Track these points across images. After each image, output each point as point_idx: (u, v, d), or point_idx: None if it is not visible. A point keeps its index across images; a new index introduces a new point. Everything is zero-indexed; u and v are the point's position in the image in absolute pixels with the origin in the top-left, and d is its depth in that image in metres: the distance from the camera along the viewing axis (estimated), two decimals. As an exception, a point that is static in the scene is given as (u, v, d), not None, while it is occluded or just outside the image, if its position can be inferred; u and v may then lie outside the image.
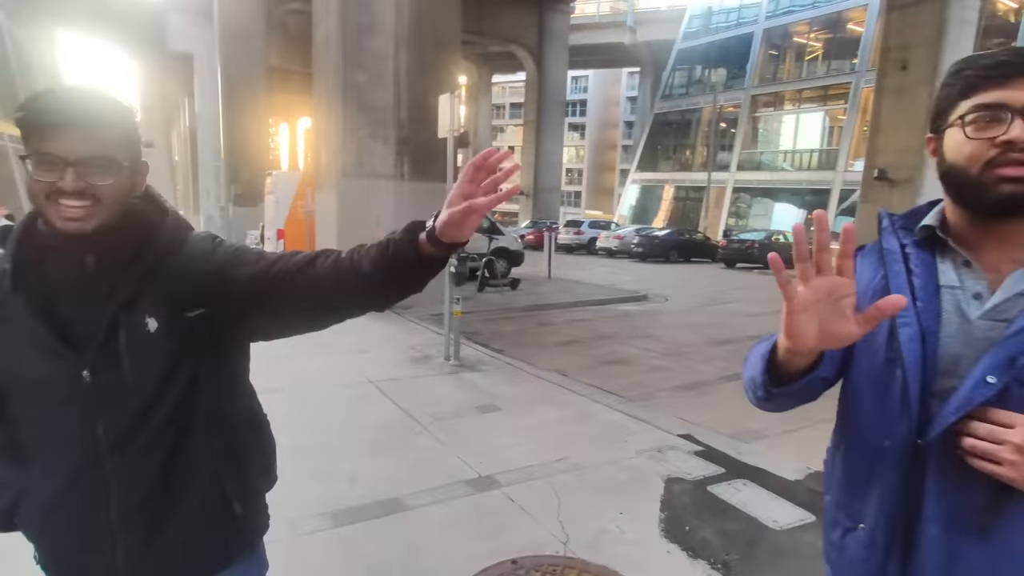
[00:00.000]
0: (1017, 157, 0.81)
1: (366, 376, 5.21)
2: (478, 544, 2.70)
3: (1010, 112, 0.82)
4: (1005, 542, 0.84)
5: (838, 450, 1.06)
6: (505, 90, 63.09)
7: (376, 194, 8.16)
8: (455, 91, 5.78)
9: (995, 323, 0.86)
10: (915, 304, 0.90)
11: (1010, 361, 0.82)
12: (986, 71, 0.85)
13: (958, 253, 0.92)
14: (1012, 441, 0.79)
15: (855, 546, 0.99)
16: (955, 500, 0.87)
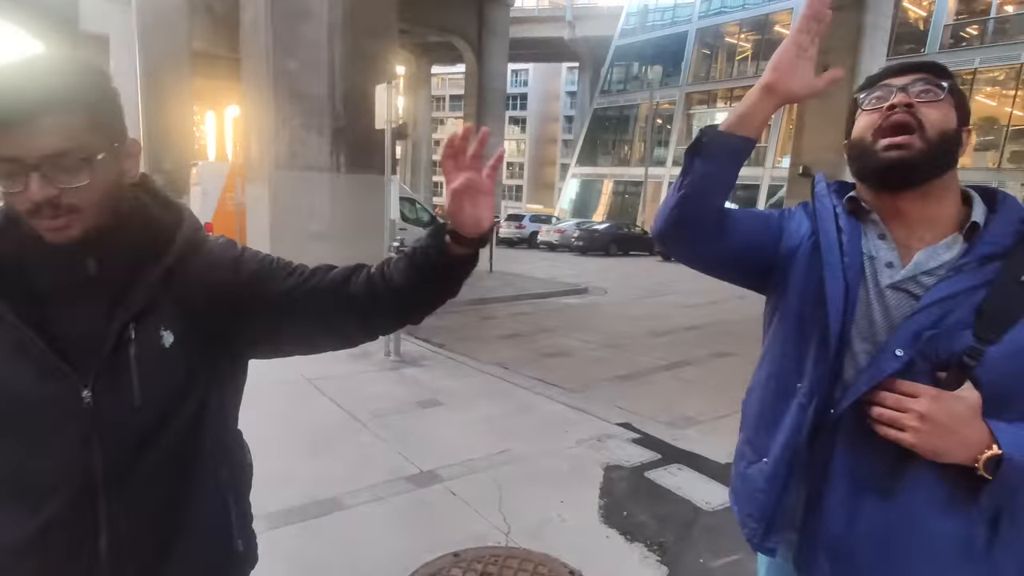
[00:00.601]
0: (898, 118, 0.92)
1: (301, 373, 5.06)
2: (420, 539, 2.67)
3: (894, 88, 0.94)
4: (905, 504, 0.91)
5: (755, 390, 1.13)
6: (445, 81, 62.52)
7: (311, 186, 7.88)
8: (392, 81, 5.66)
9: (904, 295, 0.93)
10: (843, 260, 0.97)
11: (916, 336, 0.89)
12: (882, 71, 1.00)
13: (877, 224, 0.99)
14: (915, 409, 0.86)
15: (757, 476, 1.06)
16: (861, 465, 0.94)
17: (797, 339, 1.03)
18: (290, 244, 7.85)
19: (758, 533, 1.07)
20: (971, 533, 0.90)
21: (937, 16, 22.43)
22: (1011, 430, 0.85)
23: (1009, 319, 0.85)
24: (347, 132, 7.94)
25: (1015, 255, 0.89)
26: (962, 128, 0.96)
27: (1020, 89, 20.91)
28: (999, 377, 0.86)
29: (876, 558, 0.94)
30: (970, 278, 0.89)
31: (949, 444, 0.86)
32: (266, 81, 7.63)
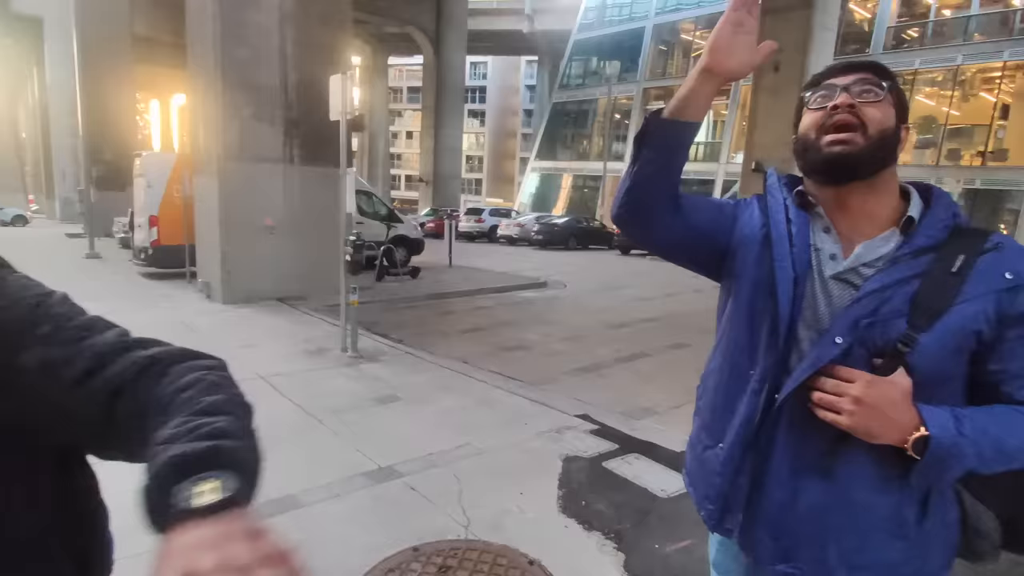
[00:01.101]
0: (840, 117, 0.96)
1: (255, 371, 4.93)
2: (379, 535, 2.65)
3: (838, 88, 0.98)
4: (842, 482, 0.96)
5: (710, 377, 1.16)
6: (403, 73, 61.60)
7: (263, 179, 7.67)
8: (348, 71, 5.54)
9: (845, 286, 0.97)
10: (791, 250, 1.01)
11: (854, 324, 0.93)
12: (825, 70, 1.04)
13: (822, 218, 1.03)
14: (851, 393, 0.91)
15: (714, 461, 1.10)
16: (803, 446, 0.98)
17: (749, 328, 1.06)
18: (241, 238, 7.64)
19: (715, 515, 1.10)
20: (902, 511, 0.95)
21: (880, 18, 23.29)
22: (939, 412, 0.90)
23: (940, 308, 0.90)
24: (301, 123, 7.77)
25: (946, 248, 0.93)
26: (901, 125, 1.00)
27: (956, 90, 21.93)
28: (930, 363, 0.90)
29: (815, 534, 0.98)
30: (905, 269, 0.93)
31: (881, 426, 0.90)
32: (214, 69, 7.37)
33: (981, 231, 0.96)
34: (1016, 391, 0.92)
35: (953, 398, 0.95)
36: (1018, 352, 0.91)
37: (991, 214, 20.58)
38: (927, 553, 0.98)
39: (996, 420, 0.90)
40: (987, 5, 21.57)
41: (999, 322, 0.90)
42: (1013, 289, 0.90)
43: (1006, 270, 0.91)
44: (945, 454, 0.88)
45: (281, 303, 8.02)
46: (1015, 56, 20.24)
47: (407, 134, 63.37)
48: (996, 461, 0.91)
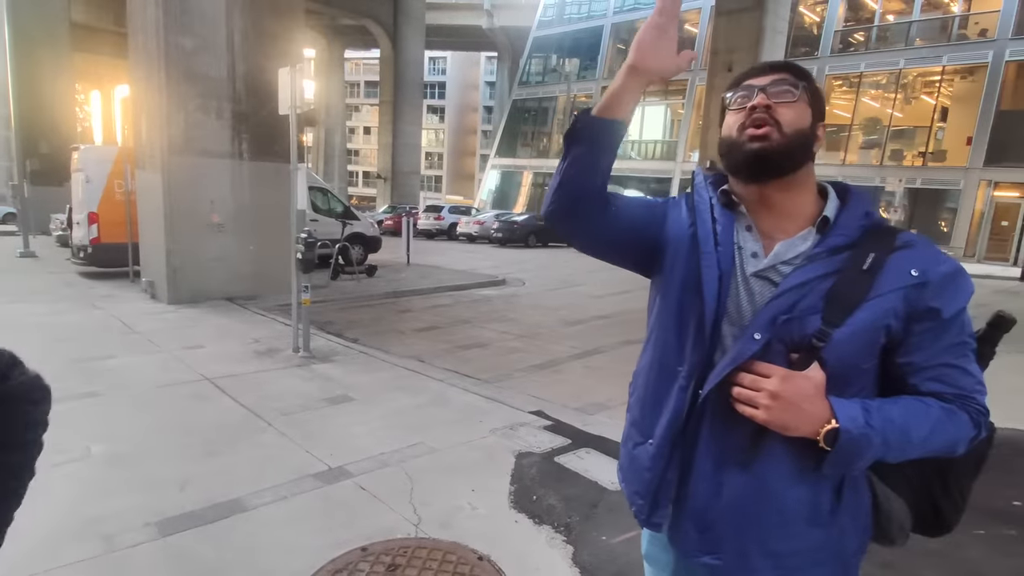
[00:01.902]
0: (758, 117, 0.99)
1: (201, 373, 4.78)
2: (327, 536, 2.62)
3: (756, 89, 1.01)
4: (761, 475, 1.00)
5: (640, 374, 1.19)
6: (360, 67, 60.56)
7: (210, 174, 7.41)
8: (297, 64, 5.42)
9: (765, 283, 1.01)
10: (717, 249, 1.04)
11: (772, 320, 0.97)
12: (742, 74, 1.06)
13: (745, 216, 1.06)
14: (767, 388, 0.94)
15: (644, 457, 1.12)
16: (724, 441, 1.02)
17: (677, 326, 1.08)
18: (187, 235, 7.39)
19: (644, 510, 1.13)
20: (818, 500, 1.00)
21: (828, 22, 24.14)
22: (849, 405, 0.93)
23: (853, 304, 0.94)
24: (250, 117, 7.55)
25: (860, 246, 0.97)
26: (817, 124, 1.03)
27: (899, 92, 22.94)
28: (843, 357, 0.94)
29: (736, 525, 1.02)
30: (821, 267, 0.97)
31: (795, 419, 0.94)
32: (157, 59, 7.09)
33: (892, 230, 1.00)
34: (922, 383, 0.97)
35: (866, 390, 0.99)
36: (924, 345, 0.96)
37: (932, 212, 21.66)
38: (842, 538, 1.03)
39: (902, 411, 0.95)
40: (928, 11, 22.61)
41: (907, 317, 0.95)
42: (919, 286, 0.95)
43: (913, 267, 0.95)
44: (854, 445, 0.92)
45: (230, 303, 7.79)
46: (953, 61, 21.30)
47: (365, 129, 62.30)
48: (902, 450, 0.96)
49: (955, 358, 0.97)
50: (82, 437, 3.50)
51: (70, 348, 5.43)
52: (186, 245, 7.39)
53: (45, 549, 2.42)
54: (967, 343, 0.98)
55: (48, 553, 2.40)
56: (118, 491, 2.93)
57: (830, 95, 24.43)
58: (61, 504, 2.77)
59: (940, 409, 0.96)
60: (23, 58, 14.46)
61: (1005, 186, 20.19)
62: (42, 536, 2.49)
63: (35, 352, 5.11)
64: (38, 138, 13.54)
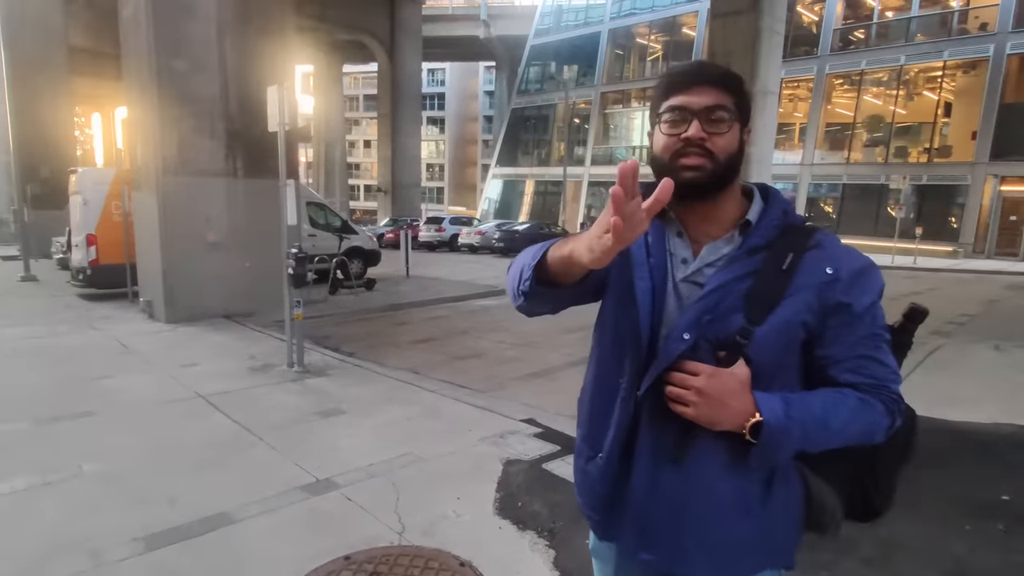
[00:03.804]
0: (693, 151, 1.00)
1: (195, 391, 4.83)
2: (312, 546, 2.65)
3: (690, 114, 1.01)
4: (693, 470, 1.03)
5: (587, 388, 1.21)
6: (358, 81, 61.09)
7: (205, 193, 7.50)
8: (284, 83, 5.51)
9: (693, 286, 1.04)
10: (649, 261, 1.06)
11: (697, 320, 1.00)
12: (675, 79, 1.04)
13: (675, 223, 1.09)
14: (695, 386, 0.97)
15: (594, 471, 1.14)
16: (659, 439, 1.05)
17: (616, 339, 1.11)
18: (184, 254, 7.47)
19: (600, 524, 1.16)
20: (748, 492, 1.03)
21: (827, 21, 24.12)
22: (771, 399, 0.97)
23: (772, 302, 0.97)
24: (243, 135, 7.65)
25: (777, 246, 1.01)
26: (744, 132, 1.04)
27: (901, 89, 22.90)
28: (765, 353, 0.98)
29: (671, 521, 1.05)
30: (741, 268, 1.00)
31: (721, 414, 0.97)
32: (150, 81, 7.21)
33: (807, 229, 1.03)
34: (839, 374, 1.01)
35: (790, 384, 1.02)
36: (839, 339, 1.00)
37: (940, 209, 21.51)
38: (774, 529, 1.06)
39: (821, 403, 0.98)
40: (927, 7, 22.57)
41: (822, 312, 0.98)
42: (832, 282, 0.98)
43: (827, 265, 0.99)
44: (776, 436, 0.96)
45: (228, 320, 7.86)
46: (954, 55, 21.25)
47: (365, 143, 62.73)
48: (822, 440, 0.99)
49: (869, 350, 1.00)
50: (75, 456, 3.54)
51: (67, 369, 5.49)
52: (182, 264, 7.47)
53: (31, 566, 2.46)
54: (880, 335, 1.01)
55: (34, 570, 2.45)
56: (107, 508, 2.97)
57: (831, 94, 24.44)
58: (50, 522, 2.81)
59: (856, 399, 0.99)
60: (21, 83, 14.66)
61: (1012, 180, 20.08)
62: (29, 553, 2.54)
63: (33, 374, 5.21)
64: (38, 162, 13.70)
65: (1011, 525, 2.93)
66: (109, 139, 19.31)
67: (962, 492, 3.26)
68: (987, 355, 6.59)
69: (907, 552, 2.63)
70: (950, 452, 3.80)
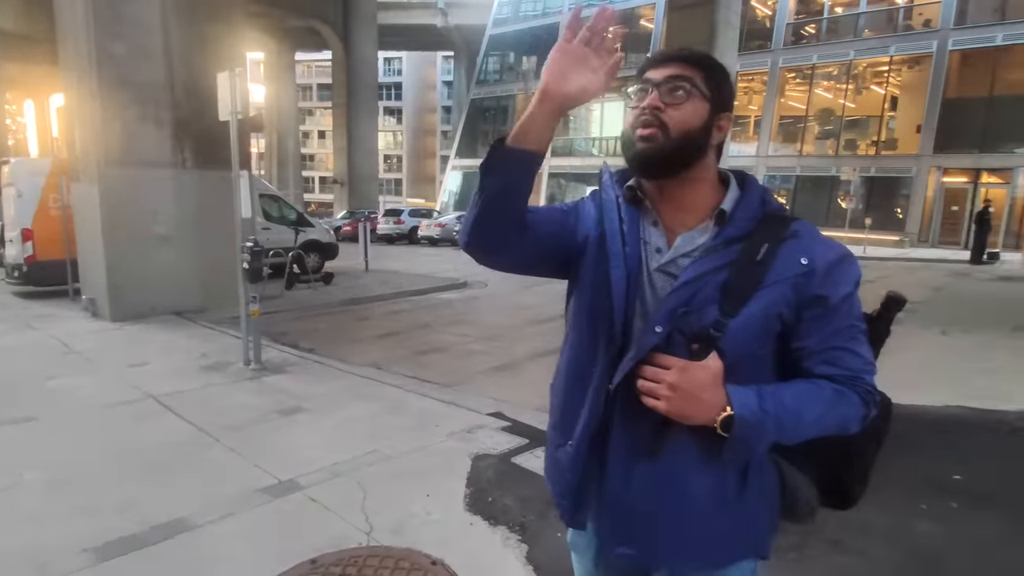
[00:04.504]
0: (647, 120, 0.99)
1: (145, 391, 4.61)
2: (276, 550, 2.55)
3: (652, 85, 1.00)
4: (668, 463, 1.01)
5: (559, 376, 1.18)
6: (312, 69, 59.52)
7: (151, 185, 7.14)
8: (237, 68, 5.27)
9: (667, 277, 1.01)
10: (624, 249, 1.03)
11: (672, 313, 0.97)
12: (651, 59, 1.04)
13: (650, 212, 1.06)
14: (666, 380, 0.95)
15: (564, 459, 1.12)
16: (634, 432, 1.03)
17: (590, 327, 1.08)
18: (129, 249, 7.12)
19: (568, 510, 1.14)
20: (724, 485, 1.02)
21: (780, 15, 24.68)
22: (744, 392, 0.95)
23: (746, 295, 0.96)
24: (192, 124, 7.32)
25: (754, 237, 0.99)
26: (718, 116, 1.02)
27: (851, 83, 23.65)
28: (739, 346, 0.96)
29: (646, 513, 1.04)
30: (717, 259, 0.98)
31: (694, 408, 0.95)
32: (89, 66, 6.80)
33: (785, 219, 1.01)
34: (814, 366, 1.00)
35: (764, 377, 1.01)
36: (815, 331, 0.98)
37: (887, 200, 22.37)
38: (750, 521, 1.05)
39: (795, 395, 0.97)
40: (874, 3, 23.34)
41: (797, 304, 0.97)
42: (808, 273, 0.97)
43: (802, 256, 0.97)
44: (749, 430, 0.94)
45: (178, 317, 7.53)
46: (900, 51, 22.05)
47: (319, 133, 61.23)
48: (796, 432, 0.98)
49: (845, 341, 0.99)
50: (15, 464, 3.33)
51: (4, 371, 5.16)
52: (128, 259, 7.10)
53: (-32, 587, 2.29)
54: (856, 326, 1.01)
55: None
56: (53, 518, 2.80)
57: (784, 87, 25.09)
58: (-12, 537, 2.63)
59: (831, 391, 0.98)
60: (-55, 69, 13.70)
61: (953, 172, 21.01)
62: (-35, 573, 2.36)
63: (-37, 379, 4.87)
64: (-34, 153, 12.85)
65: (964, 503, 3.07)
66: (43, 128, 18.24)
67: (918, 473, 3.39)
68: (935, 340, 6.86)
69: (871, 532, 2.72)
70: (905, 436, 3.95)
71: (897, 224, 21.59)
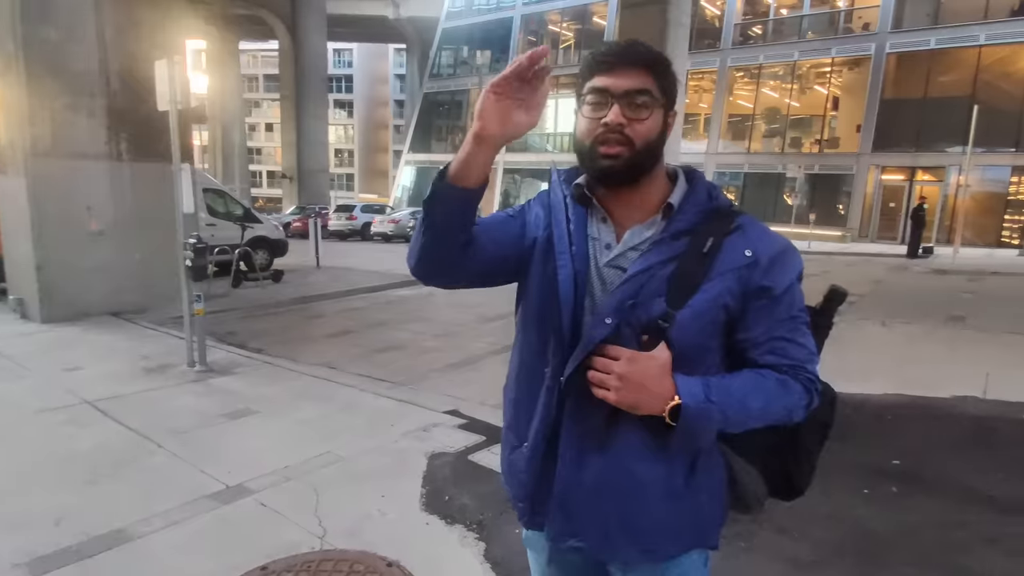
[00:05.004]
0: (612, 137, 0.98)
1: (80, 397, 4.37)
2: (224, 559, 2.46)
3: (612, 97, 0.98)
4: (617, 454, 1.02)
5: (511, 378, 1.18)
6: (258, 59, 57.57)
7: (85, 178, 6.75)
8: (176, 56, 5.03)
9: (616, 271, 1.02)
10: (571, 248, 1.03)
11: (620, 305, 0.98)
12: (600, 58, 1.01)
13: (599, 209, 1.06)
14: (615, 371, 0.96)
15: (519, 461, 1.12)
16: (583, 424, 1.03)
17: (539, 328, 1.07)
18: (61, 246, 6.73)
19: (526, 512, 1.13)
20: (673, 475, 1.03)
21: (728, 15, 25.27)
22: (691, 382, 0.97)
23: (693, 287, 0.97)
24: (128, 114, 6.96)
25: (700, 230, 1.01)
26: (669, 115, 1.03)
27: (795, 83, 24.49)
28: (687, 337, 0.98)
29: (597, 507, 1.04)
30: (664, 252, 0.99)
31: (642, 398, 0.96)
32: (14, 52, 6.37)
33: (731, 212, 1.04)
34: (759, 356, 1.02)
35: (713, 367, 1.03)
36: (758, 321, 1.01)
37: (830, 196, 23.27)
38: (698, 511, 1.07)
39: (740, 385, 1.00)
40: (817, 6, 24.26)
41: (742, 296, 1.00)
42: (751, 265, 0.99)
43: (746, 248, 1.00)
44: (696, 419, 0.96)
45: (116, 318, 7.16)
46: (841, 53, 22.96)
47: (267, 126, 59.31)
48: (742, 421, 1.00)
49: (787, 332, 1.02)
50: (-67, 479, 3.10)
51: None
52: (60, 257, 6.70)
53: None
54: (799, 317, 1.04)
55: None
56: (-23, 534, 2.62)
57: (733, 86, 25.79)
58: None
59: (775, 380, 1.01)
60: None
61: (891, 170, 22.06)
62: None
63: None
64: None
65: (903, 488, 3.23)
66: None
67: (860, 459, 3.55)
68: (875, 331, 7.19)
69: (816, 518, 2.83)
70: (848, 423, 4.13)
71: (839, 220, 22.55)
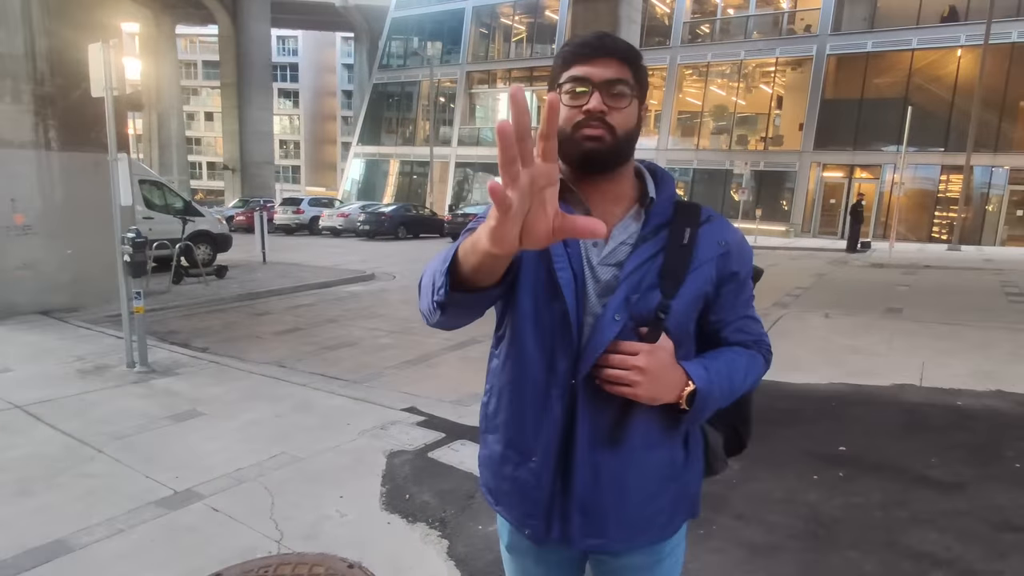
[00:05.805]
0: (594, 122, 0.99)
1: (8, 401, 4.09)
2: (175, 566, 2.36)
3: (592, 85, 0.98)
4: (629, 447, 1.04)
5: (503, 393, 1.13)
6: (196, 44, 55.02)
7: (8, 167, 6.28)
8: (112, 39, 4.74)
9: (611, 267, 1.03)
10: (566, 250, 1.03)
11: (626, 301, 1.00)
12: (578, 49, 1.01)
13: (581, 204, 1.05)
14: (637, 365, 0.97)
15: (529, 477, 1.08)
16: (596, 423, 1.03)
17: (538, 335, 1.05)
18: (-17, 241, 6.25)
19: (540, 529, 1.09)
20: (674, 456, 1.09)
21: (678, 13, 25.82)
22: (695, 366, 1.03)
23: (681, 276, 1.02)
24: (57, 100, 6.53)
25: (675, 222, 1.05)
26: (642, 107, 1.05)
27: (742, 82, 25.29)
28: (680, 325, 1.03)
29: (614, 502, 1.06)
30: (651, 246, 1.02)
31: (662, 389, 0.99)
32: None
33: (695, 206, 1.08)
34: (731, 335, 1.11)
35: (691, 351, 1.10)
36: (728, 303, 1.09)
37: (774, 192, 24.21)
38: (688, 483, 1.13)
39: (725, 363, 1.07)
40: (762, 7, 25.11)
41: (719, 281, 1.07)
42: (725, 254, 1.06)
43: (719, 239, 1.06)
44: (705, 401, 1.02)
45: (46, 317, 6.73)
46: (785, 53, 23.86)
47: (207, 115, 56.77)
48: (730, 396, 1.08)
49: (748, 310, 1.14)
50: None
51: None
52: (-18, 253, 6.24)
53: None
54: (752, 296, 1.15)
55: None
56: None
57: (682, 83, 26.41)
58: None
59: (747, 355, 1.11)
60: None
61: (832, 167, 23.11)
62: None
63: None
64: None
65: (848, 472, 3.39)
66: None
67: (808, 447, 3.71)
68: (819, 323, 7.51)
69: (770, 503, 2.95)
70: (795, 412, 4.32)
71: (783, 215, 23.50)
